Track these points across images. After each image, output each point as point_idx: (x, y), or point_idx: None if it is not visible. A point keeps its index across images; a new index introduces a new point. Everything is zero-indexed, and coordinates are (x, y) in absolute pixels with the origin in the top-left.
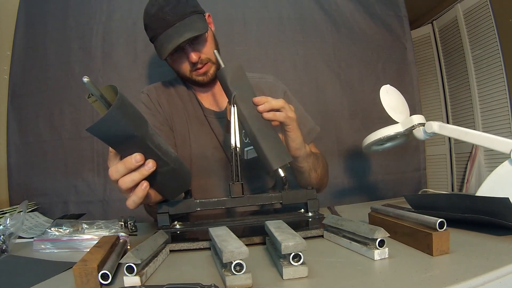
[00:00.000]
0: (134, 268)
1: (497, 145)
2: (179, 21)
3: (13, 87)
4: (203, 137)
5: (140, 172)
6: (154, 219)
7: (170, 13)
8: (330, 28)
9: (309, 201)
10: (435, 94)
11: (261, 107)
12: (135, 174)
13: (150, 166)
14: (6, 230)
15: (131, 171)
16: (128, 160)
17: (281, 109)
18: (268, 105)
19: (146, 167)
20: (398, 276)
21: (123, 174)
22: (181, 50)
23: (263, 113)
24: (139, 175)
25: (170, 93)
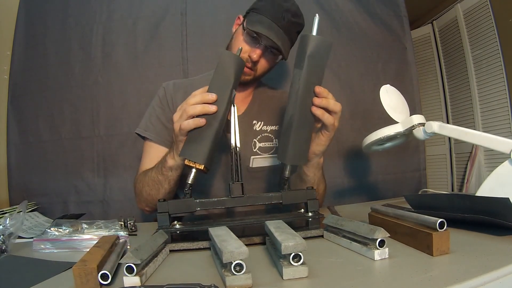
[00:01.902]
0: (134, 268)
1: (497, 145)
2: (283, 30)
3: (13, 87)
4: None
5: (204, 107)
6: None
7: (287, 18)
8: (330, 28)
9: (309, 201)
10: (435, 94)
11: (317, 100)
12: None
13: (213, 108)
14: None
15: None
16: (206, 95)
17: (333, 113)
18: (326, 102)
19: (212, 107)
20: (398, 276)
21: (196, 102)
22: (258, 43)
23: (313, 107)
24: (202, 108)
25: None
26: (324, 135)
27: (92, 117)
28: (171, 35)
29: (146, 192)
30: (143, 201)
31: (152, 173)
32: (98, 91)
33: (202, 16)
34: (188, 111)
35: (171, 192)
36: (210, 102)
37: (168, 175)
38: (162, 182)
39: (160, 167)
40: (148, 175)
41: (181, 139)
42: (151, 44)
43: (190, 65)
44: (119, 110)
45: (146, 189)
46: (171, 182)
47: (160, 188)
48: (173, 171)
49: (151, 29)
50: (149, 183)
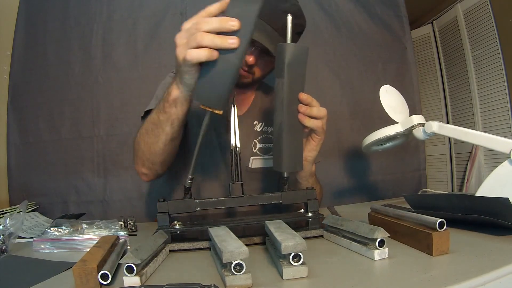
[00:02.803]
0: (134, 268)
1: (497, 145)
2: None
3: (13, 87)
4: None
5: (223, 40)
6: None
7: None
8: (330, 28)
9: (309, 201)
10: (435, 94)
11: (302, 108)
12: (214, 38)
13: (234, 41)
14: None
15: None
16: (225, 20)
17: (319, 118)
18: (309, 111)
19: (230, 41)
20: (398, 276)
21: (211, 30)
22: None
23: (299, 115)
24: (220, 40)
25: None
26: (315, 139)
27: (92, 117)
28: (171, 35)
29: (144, 141)
30: (140, 157)
31: (152, 115)
32: (98, 91)
33: None
34: (200, 39)
35: (173, 140)
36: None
37: (171, 113)
38: (163, 123)
39: (162, 103)
40: (147, 120)
41: (186, 70)
42: (151, 44)
43: None
44: (119, 110)
45: (144, 137)
46: (174, 123)
47: (160, 133)
48: (177, 107)
49: (151, 29)
50: (148, 129)
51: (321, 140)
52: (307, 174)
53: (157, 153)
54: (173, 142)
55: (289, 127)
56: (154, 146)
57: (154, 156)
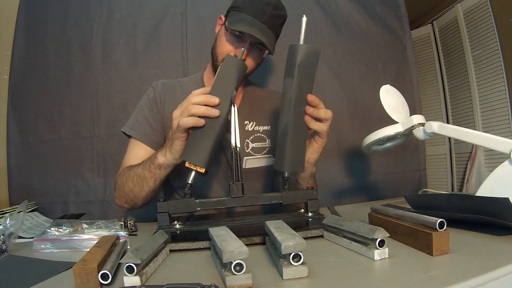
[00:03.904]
0: (134, 268)
1: (497, 145)
2: (266, 24)
3: (13, 87)
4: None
5: (207, 109)
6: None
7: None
8: (330, 28)
9: (309, 201)
10: (435, 94)
11: (310, 110)
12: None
13: (216, 112)
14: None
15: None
16: (210, 97)
17: (324, 120)
18: (317, 112)
19: (214, 110)
20: (398, 276)
21: (198, 102)
22: (242, 41)
23: (306, 116)
24: (205, 110)
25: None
26: (318, 142)
27: (92, 117)
28: (171, 35)
29: (129, 188)
30: (123, 196)
31: (138, 169)
32: (98, 91)
33: (202, 16)
34: (190, 109)
35: (155, 191)
36: (213, 106)
37: (156, 173)
38: (148, 179)
39: (149, 163)
40: (133, 170)
41: (178, 136)
42: (151, 44)
43: (190, 65)
44: (119, 110)
45: (129, 184)
46: (157, 181)
47: (144, 185)
48: (161, 170)
49: (151, 29)
50: (133, 179)
51: (324, 142)
52: (307, 176)
53: (140, 198)
54: (155, 191)
55: (294, 127)
56: (138, 194)
57: (137, 199)
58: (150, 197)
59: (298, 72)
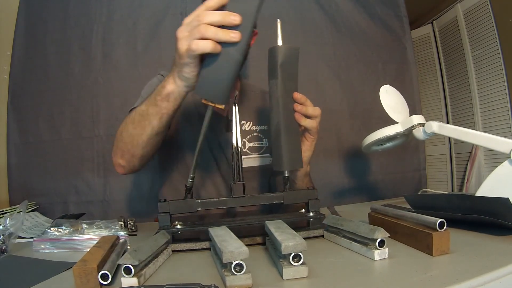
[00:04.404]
0: (131, 269)
1: (497, 145)
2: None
3: (13, 87)
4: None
5: (225, 33)
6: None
7: None
8: (330, 28)
9: (310, 201)
10: (435, 94)
11: (298, 107)
12: (217, 31)
13: (236, 35)
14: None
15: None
16: (227, 14)
17: (313, 117)
18: (305, 109)
19: (232, 34)
20: (398, 276)
21: (214, 21)
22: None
23: (296, 114)
24: (223, 34)
25: None
26: (309, 139)
27: (92, 117)
28: (171, 35)
29: (127, 133)
30: (120, 147)
31: (141, 106)
32: (98, 91)
33: None
34: (201, 30)
35: (158, 134)
36: (232, 26)
37: (162, 107)
38: (152, 116)
39: (154, 95)
40: (134, 111)
41: (187, 62)
42: (151, 44)
43: None
44: (119, 110)
45: (129, 128)
46: (163, 118)
47: (146, 125)
48: (170, 101)
49: (151, 29)
50: (134, 120)
51: (315, 139)
52: (302, 174)
53: (139, 146)
54: (157, 137)
55: (286, 126)
56: (138, 138)
57: (136, 149)
58: (151, 145)
59: (281, 72)
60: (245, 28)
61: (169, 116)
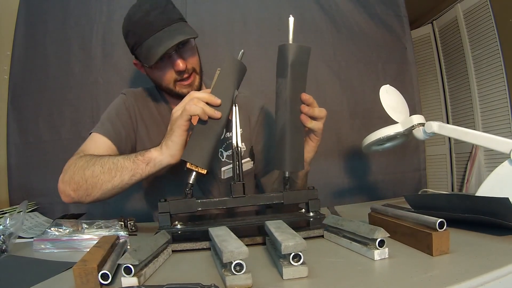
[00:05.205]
0: (131, 269)
1: (497, 145)
2: (167, 26)
3: (13, 87)
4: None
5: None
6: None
7: (157, 17)
8: (330, 28)
9: (310, 201)
10: (435, 94)
11: (305, 109)
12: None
13: (219, 113)
14: (6, 230)
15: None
16: (213, 96)
17: (319, 119)
18: (312, 111)
19: (217, 112)
20: (398, 276)
21: (202, 98)
22: (167, 58)
23: (302, 115)
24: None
25: (149, 105)
26: (314, 140)
27: (92, 117)
28: None
29: (93, 173)
30: (77, 182)
31: (117, 157)
32: (98, 91)
33: (202, 16)
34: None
35: (121, 188)
36: (215, 106)
37: (139, 167)
38: (126, 170)
39: (134, 155)
40: (108, 157)
41: (179, 124)
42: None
43: None
44: None
45: (96, 169)
46: (135, 177)
47: (116, 176)
48: (148, 166)
49: None
50: (105, 165)
51: (319, 141)
52: (303, 174)
53: (100, 191)
54: (121, 190)
55: (292, 127)
56: (102, 183)
57: (94, 191)
58: (110, 194)
59: (291, 72)
60: (224, 109)
61: (141, 178)
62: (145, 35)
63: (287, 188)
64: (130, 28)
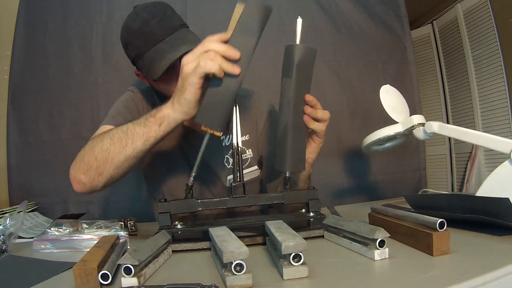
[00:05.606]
0: (131, 269)
1: (497, 145)
2: (169, 35)
3: (13, 87)
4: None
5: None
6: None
7: (157, 26)
8: (330, 28)
9: (311, 201)
10: (435, 94)
11: (308, 110)
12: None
13: (238, 69)
14: (6, 230)
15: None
16: (232, 49)
17: (322, 120)
18: (314, 112)
19: (236, 67)
20: (398, 276)
21: (219, 51)
22: (171, 68)
23: (305, 116)
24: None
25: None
26: (316, 141)
27: (92, 117)
28: None
29: (101, 147)
30: (87, 162)
31: (125, 125)
32: (98, 91)
33: (202, 16)
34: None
35: (136, 158)
36: (232, 60)
37: (152, 129)
38: (138, 136)
39: (145, 117)
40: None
41: (192, 82)
42: None
43: None
44: None
45: (105, 143)
46: (149, 141)
47: (128, 145)
48: (162, 126)
49: None
50: (114, 136)
51: (322, 142)
52: (305, 176)
53: (112, 164)
54: (134, 160)
55: (294, 127)
56: (114, 155)
57: (107, 166)
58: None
59: (296, 72)
60: (244, 63)
61: (155, 141)
62: (146, 47)
63: (287, 188)
64: (128, 39)
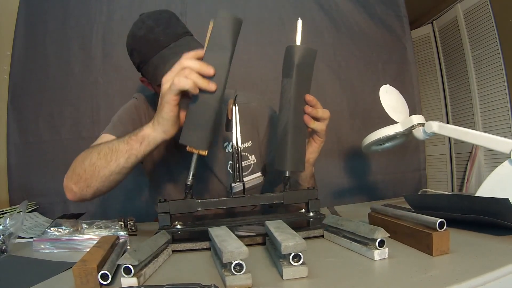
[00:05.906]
0: (131, 269)
1: (497, 145)
2: (173, 42)
3: (13, 87)
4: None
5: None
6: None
7: (162, 33)
8: (330, 28)
9: (310, 201)
10: (435, 94)
11: (309, 109)
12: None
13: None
14: (6, 230)
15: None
16: (205, 65)
17: (322, 120)
18: (315, 112)
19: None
20: (398, 276)
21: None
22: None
23: (305, 116)
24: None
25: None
26: (317, 141)
27: (92, 117)
28: None
29: (90, 161)
30: (78, 173)
31: (112, 141)
32: (98, 91)
33: (202, 16)
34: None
35: (120, 174)
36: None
37: (133, 147)
38: (121, 153)
39: (128, 136)
40: (103, 144)
41: (168, 99)
42: None
43: None
44: None
45: (93, 157)
46: (131, 158)
47: (112, 160)
48: (142, 144)
49: None
50: (100, 151)
51: (323, 142)
52: (308, 176)
53: (98, 178)
54: (118, 175)
55: (294, 127)
56: (99, 170)
57: (93, 180)
58: (109, 182)
59: (296, 73)
60: (220, 79)
61: (137, 159)
62: (151, 53)
63: (287, 188)
64: (134, 46)
